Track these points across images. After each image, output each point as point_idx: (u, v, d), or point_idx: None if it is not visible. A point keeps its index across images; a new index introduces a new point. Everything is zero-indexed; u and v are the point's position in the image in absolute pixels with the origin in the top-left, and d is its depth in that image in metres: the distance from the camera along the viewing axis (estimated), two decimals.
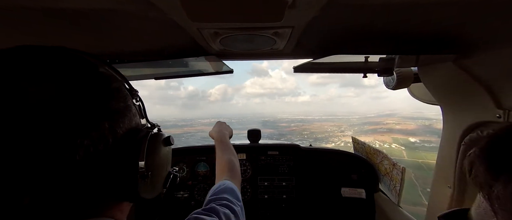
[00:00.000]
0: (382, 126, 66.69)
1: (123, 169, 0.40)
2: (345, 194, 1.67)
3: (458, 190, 1.04)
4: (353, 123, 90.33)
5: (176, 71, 1.25)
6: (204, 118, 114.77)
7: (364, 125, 78.03)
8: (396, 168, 1.42)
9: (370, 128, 69.11)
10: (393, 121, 71.64)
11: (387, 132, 56.50)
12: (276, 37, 0.76)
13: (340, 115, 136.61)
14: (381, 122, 73.56)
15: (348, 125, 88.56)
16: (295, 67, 1.14)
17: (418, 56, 1.00)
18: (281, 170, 1.72)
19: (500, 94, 0.84)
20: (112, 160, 0.38)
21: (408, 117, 71.39)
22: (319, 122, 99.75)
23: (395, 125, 63.66)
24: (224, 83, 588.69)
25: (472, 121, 0.94)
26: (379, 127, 67.15)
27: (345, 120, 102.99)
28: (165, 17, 0.60)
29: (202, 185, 1.69)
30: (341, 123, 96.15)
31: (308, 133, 69.36)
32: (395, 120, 74.24)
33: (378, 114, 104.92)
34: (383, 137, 52.28)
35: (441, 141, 1.14)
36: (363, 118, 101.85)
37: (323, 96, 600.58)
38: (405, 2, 0.56)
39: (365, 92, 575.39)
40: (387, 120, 75.90)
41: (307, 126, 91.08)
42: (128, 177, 0.41)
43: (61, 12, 0.60)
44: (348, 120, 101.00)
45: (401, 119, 71.18)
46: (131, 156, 0.41)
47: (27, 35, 0.74)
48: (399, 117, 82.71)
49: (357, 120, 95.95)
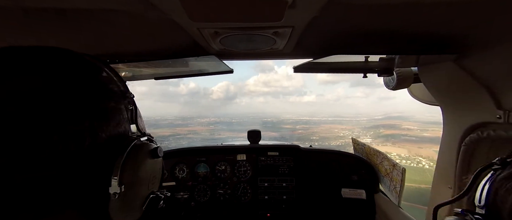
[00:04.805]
0: (399, 131, 55.77)
1: (92, 180, 0.34)
2: (345, 195, 1.66)
3: (458, 191, 1.04)
4: (364, 125, 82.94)
5: (176, 71, 1.25)
6: (204, 117, 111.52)
7: (378, 128, 67.62)
8: (396, 169, 1.41)
9: (387, 132, 57.81)
10: (411, 125, 60.13)
11: (417, 141, 43.37)
12: (276, 37, 0.76)
13: (347, 116, 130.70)
14: (396, 125, 64.27)
15: (360, 128, 79.34)
16: (295, 67, 1.14)
17: (418, 56, 1.00)
18: (281, 171, 1.72)
19: (501, 95, 0.84)
20: (83, 166, 0.33)
21: (427, 121, 57.91)
22: (326, 123, 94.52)
23: (421, 132, 50.15)
24: (227, 80, 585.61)
25: (472, 121, 0.94)
26: (397, 131, 56.32)
27: (354, 122, 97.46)
28: (165, 17, 0.60)
29: (202, 186, 1.69)
30: (352, 125, 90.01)
31: (317, 138, 62.70)
32: (411, 124, 63.26)
33: (386, 116, 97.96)
34: (413, 147, 38.29)
35: (441, 141, 1.14)
36: (372, 119, 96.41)
37: (329, 96, 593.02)
38: (405, 2, 0.56)
39: (375, 92, 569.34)
40: (403, 123, 65.50)
41: (315, 128, 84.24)
42: (96, 191, 0.35)
43: (62, 12, 0.60)
44: (357, 122, 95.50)
45: (421, 124, 58.42)
46: (105, 166, 0.35)
47: (27, 36, 0.74)
48: (414, 121, 70.89)
49: (366, 122, 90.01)
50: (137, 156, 0.40)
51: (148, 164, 0.43)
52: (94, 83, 0.37)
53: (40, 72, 0.32)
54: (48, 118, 0.30)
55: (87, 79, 0.36)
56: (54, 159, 0.30)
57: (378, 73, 1.15)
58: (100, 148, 0.35)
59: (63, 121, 0.31)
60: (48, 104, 0.31)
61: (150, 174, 0.44)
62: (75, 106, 0.33)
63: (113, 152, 0.37)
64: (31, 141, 0.29)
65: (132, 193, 0.39)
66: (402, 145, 41.90)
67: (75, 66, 0.37)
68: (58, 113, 0.31)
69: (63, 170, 0.32)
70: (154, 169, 0.46)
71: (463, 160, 1.00)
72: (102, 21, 0.67)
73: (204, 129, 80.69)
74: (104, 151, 0.36)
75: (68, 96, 0.32)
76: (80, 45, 0.85)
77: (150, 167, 0.44)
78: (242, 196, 1.67)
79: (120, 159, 0.36)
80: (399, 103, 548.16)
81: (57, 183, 0.32)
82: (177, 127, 79.95)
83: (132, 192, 0.39)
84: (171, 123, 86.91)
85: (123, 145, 0.38)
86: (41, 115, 0.30)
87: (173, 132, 64.30)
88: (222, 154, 1.74)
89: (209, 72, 1.26)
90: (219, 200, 1.66)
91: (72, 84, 0.34)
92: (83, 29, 0.71)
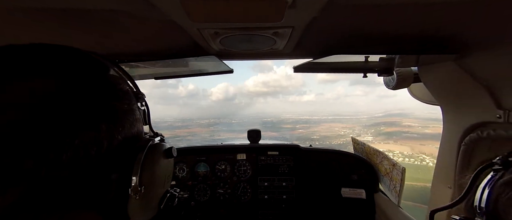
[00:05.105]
0: (400, 128, 55.03)
1: (113, 182, 0.35)
2: (345, 194, 1.66)
3: (458, 190, 1.04)
4: (365, 123, 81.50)
5: (176, 71, 1.25)
6: (204, 118, 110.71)
7: (379, 125, 66.81)
8: (396, 168, 1.42)
9: (388, 130, 56.82)
10: (412, 122, 59.32)
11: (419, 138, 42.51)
12: (276, 37, 0.76)
13: (347, 114, 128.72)
14: (396, 122, 63.25)
15: (360, 126, 78.95)
16: (295, 67, 1.14)
17: (418, 56, 1.00)
18: (281, 170, 1.72)
19: (500, 94, 0.84)
20: (103, 168, 0.34)
21: (427, 118, 56.98)
22: (326, 122, 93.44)
23: (422, 129, 49.21)
24: (226, 82, 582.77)
25: (472, 121, 0.94)
26: (398, 129, 55.39)
27: (355, 120, 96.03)
28: (165, 17, 0.60)
29: (202, 185, 1.69)
30: (353, 124, 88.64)
31: (318, 137, 61.96)
32: (412, 121, 62.36)
33: (387, 113, 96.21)
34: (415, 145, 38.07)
35: (441, 141, 1.14)
36: (372, 117, 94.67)
37: (329, 95, 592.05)
38: (405, 2, 0.56)
39: (375, 90, 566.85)
40: (404, 120, 64.61)
41: (315, 127, 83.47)
42: (117, 192, 0.35)
43: (62, 13, 0.60)
44: (358, 120, 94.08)
45: (422, 121, 57.51)
46: (125, 168, 0.36)
47: (27, 36, 0.74)
48: (414, 117, 69.42)
49: (367, 120, 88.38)
50: (154, 156, 0.41)
51: (164, 163, 0.44)
52: (106, 85, 0.37)
53: (53, 73, 0.32)
54: (68, 123, 0.30)
55: (100, 81, 0.36)
56: (74, 163, 0.30)
57: (378, 73, 1.15)
58: (117, 149, 0.35)
59: (82, 125, 0.31)
60: (68, 108, 0.31)
61: (165, 174, 0.46)
62: (92, 109, 0.33)
63: (131, 153, 0.37)
64: (52, 144, 0.29)
65: (151, 193, 0.40)
66: (404, 142, 41.08)
67: (86, 66, 0.37)
68: (77, 117, 0.31)
69: (82, 173, 0.32)
70: (168, 168, 0.47)
71: (463, 159, 1.00)
72: (102, 22, 0.67)
73: (203, 130, 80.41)
74: (121, 152, 0.36)
75: (85, 99, 0.32)
76: (80, 46, 0.85)
77: (165, 167, 0.45)
78: (242, 195, 1.67)
79: (139, 160, 0.37)
80: (399, 101, 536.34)
81: (76, 186, 0.32)
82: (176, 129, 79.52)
83: (151, 191, 0.40)
84: (170, 125, 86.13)
85: (140, 146, 0.39)
86: (62, 119, 0.30)
87: (173, 134, 64.61)
88: (222, 153, 1.74)
89: (209, 72, 1.26)
90: (219, 200, 1.66)
91: (87, 86, 0.34)
92: (83, 29, 0.71)
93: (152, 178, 0.40)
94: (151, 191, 0.41)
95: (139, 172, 0.36)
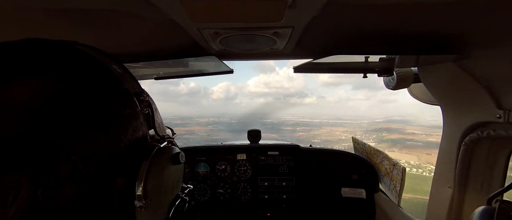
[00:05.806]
0: (404, 135, 51.28)
1: (116, 192, 0.32)
2: (345, 194, 1.66)
3: (458, 190, 1.04)
4: (366, 128, 79.91)
5: (176, 71, 1.25)
6: (203, 117, 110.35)
7: (381, 131, 63.64)
8: (397, 168, 1.42)
9: (391, 137, 53.26)
10: (415, 130, 55.20)
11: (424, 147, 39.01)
12: (276, 37, 0.76)
13: (348, 118, 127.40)
14: (399, 129, 59.66)
15: (362, 130, 77.45)
16: (295, 67, 1.14)
17: (418, 56, 1.00)
18: (281, 170, 1.72)
19: (500, 94, 0.84)
20: (105, 180, 0.31)
21: (430, 125, 53.63)
22: (327, 126, 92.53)
23: (426, 137, 45.41)
24: (227, 81, 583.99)
25: (472, 121, 0.94)
26: (401, 136, 51.72)
27: (355, 125, 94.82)
28: (165, 17, 0.60)
29: (202, 185, 1.69)
30: (354, 128, 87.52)
31: (319, 141, 60.74)
32: (415, 128, 58.41)
33: (387, 119, 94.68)
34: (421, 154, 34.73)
35: (441, 141, 1.14)
36: (373, 122, 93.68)
37: (330, 99, 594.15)
38: (405, 2, 0.56)
39: (376, 95, 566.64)
40: (406, 127, 61.03)
41: (316, 130, 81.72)
42: (121, 203, 0.33)
43: (61, 13, 0.60)
44: (358, 125, 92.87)
45: (425, 128, 53.47)
46: (129, 177, 0.33)
47: (27, 35, 0.74)
48: (417, 125, 66.71)
49: (367, 125, 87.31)
50: (160, 163, 0.38)
51: (171, 169, 0.41)
52: (108, 87, 0.34)
53: (45, 74, 0.29)
54: (64, 135, 0.27)
55: (100, 81, 0.33)
56: (74, 178, 0.28)
57: (378, 73, 1.15)
58: (119, 158, 0.33)
59: (80, 136, 0.29)
60: (64, 117, 0.28)
61: (173, 180, 0.43)
62: (92, 117, 0.30)
63: (135, 161, 0.35)
64: (46, 161, 0.26)
65: (158, 201, 0.38)
66: (409, 150, 38.67)
67: (86, 66, 0.33)
68: (74, 127, 0.28)
69: (83, 188, 0.29)
70: (176, 173, 0.44)
71: (463, 159, 1.00)
72: (102, 22, 0.67)
73: (202, 129, 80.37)
74: (124, 161, 0.34)
75: (84, 105, 0.30)
76: None
77: (173, 172, 0.42)
78: (242, 195, 1.67)
79: (143, 169, 0.34)
80: (399, 107, 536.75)
81: (77, 201, 0.30)
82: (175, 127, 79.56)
83: (158, 199, 0.38)
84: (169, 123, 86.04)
85: (144, 153, 0.36)
86: (57, 130, 0.27)
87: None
88: (222, 153, 1.74)
89: (209, 72, 1.26)
90: (219, 200, 1.66)
91: (86, 89, 0.31)
92: (83, 29, 0.71)
93: (158, 186, 0.37)
94: (159, 199, 0.38)
95: (143, 181, 0.34)
